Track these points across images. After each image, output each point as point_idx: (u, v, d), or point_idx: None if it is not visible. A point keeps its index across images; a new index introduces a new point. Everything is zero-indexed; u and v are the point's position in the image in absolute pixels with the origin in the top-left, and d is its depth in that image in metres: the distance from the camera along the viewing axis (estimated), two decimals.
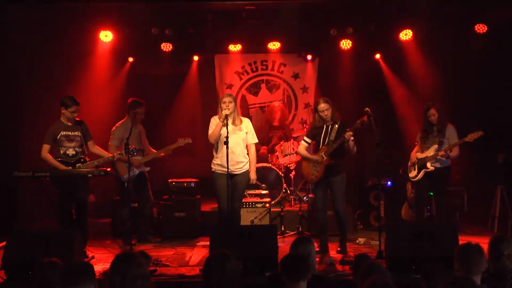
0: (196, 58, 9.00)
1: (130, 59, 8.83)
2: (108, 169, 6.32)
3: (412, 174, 6.66)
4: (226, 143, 5.89)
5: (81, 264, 3.29)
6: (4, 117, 7.65)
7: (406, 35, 7.93)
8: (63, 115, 6.22)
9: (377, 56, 8.78)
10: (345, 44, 8.29)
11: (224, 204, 6.14)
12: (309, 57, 8.93)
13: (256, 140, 6.47)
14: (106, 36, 7.83)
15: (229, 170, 5.98)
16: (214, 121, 6.28)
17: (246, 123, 6.38)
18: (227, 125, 5.99)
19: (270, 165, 7.85)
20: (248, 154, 6.37)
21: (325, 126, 6.29)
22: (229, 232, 5.47)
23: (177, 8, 7.82)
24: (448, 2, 7.52)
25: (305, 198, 7.73)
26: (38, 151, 6.18)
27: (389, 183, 7.79)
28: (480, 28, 7.63)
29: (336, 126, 6.18)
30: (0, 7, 7.17)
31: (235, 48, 8.72)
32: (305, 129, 8.59)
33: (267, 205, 7.26)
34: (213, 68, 9.14)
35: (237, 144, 6.22)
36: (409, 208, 7.29)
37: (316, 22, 8.12)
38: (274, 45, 8.60)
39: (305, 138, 6.49)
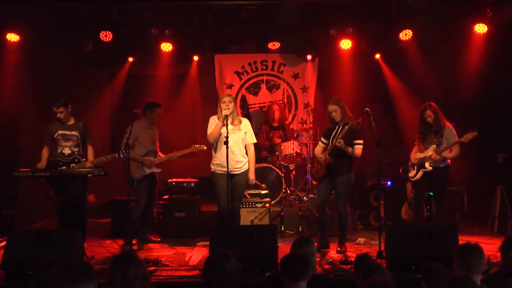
0: (196, 58, 8.97)
1: (130, 59, 8.82)
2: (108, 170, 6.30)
3: (411, 174, 6.66)
4: (226, 143, 5.89)
5: (81, 264, 3.29)
6: (4, 117, 7.65)
7: (406, 35, 7.91)
8: None
9: (377, 56, 8.76)
10: (345, 44, 8.27)
11: (224, 204, 6.14)
12: (309, 57, 8.92)
13: (255, 140, 6.47)
14: (105, 36, 7.82)
15: (228, 170, 5.98)
16: (213, 121, 6.27)
17: (245, 123, 6.38)
18: (227, 125, 5.99)
19: (270, 165, 7.85)
20: (247, 154, 6.38)
21: (337, 126, 6.33)
22: (229, 232, 5.47)
23: (177, 8, 7.81)
24: (448, 2, 7.52)
25: (305, 198, 7.73)
26: (38, 151, 6.18)
27: (389, 183, 7.79)
28: (480, 28, 7.62)
29: (346, 127, 6.19)
30: (0, 7, 7.17)
31: (235, 48, 8.69)
32: (305, 129, 8.61)
33: (267, 205, 7.25)
34: (213, 68, 9.12)
35: (236, 143, 6.22)
36: (409, 208, 7.29)
37: (316, 22, 8.11)
38: (274, 45, 8.57)
39: (321, 138, 6.55)
